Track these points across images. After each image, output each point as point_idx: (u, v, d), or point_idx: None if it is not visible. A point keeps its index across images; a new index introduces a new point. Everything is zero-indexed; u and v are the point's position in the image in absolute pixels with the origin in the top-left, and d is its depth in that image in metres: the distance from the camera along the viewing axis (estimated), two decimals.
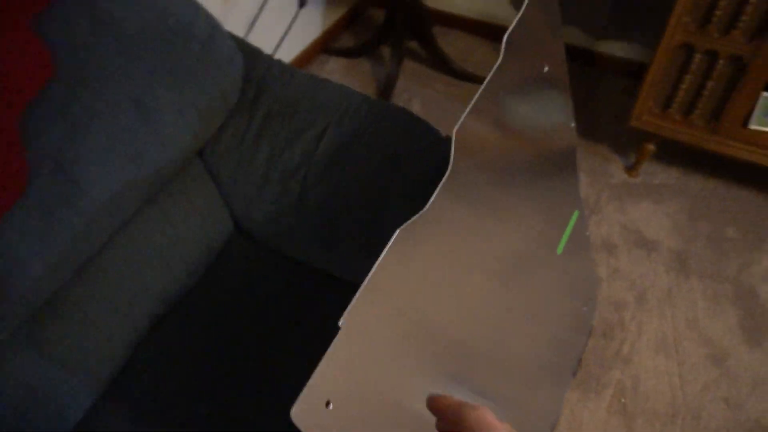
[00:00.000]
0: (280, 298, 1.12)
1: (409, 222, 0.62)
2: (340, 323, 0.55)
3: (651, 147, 1.87)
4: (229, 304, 1.12)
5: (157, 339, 1.07)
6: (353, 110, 1.12)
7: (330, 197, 1.08)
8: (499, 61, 0.90)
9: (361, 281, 1.17)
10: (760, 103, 1.65)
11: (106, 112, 0.96)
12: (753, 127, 1.67)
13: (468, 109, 0.80)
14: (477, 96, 0.83)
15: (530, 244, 1.13)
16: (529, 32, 0.92)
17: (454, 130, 0.77)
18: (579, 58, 2.29)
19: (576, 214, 1.31)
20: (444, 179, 0.73)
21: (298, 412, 0.46)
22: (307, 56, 2.30)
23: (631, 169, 1.96)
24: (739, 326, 1.61)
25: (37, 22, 0.93)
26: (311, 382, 0.49)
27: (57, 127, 0.92)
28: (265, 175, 1.13)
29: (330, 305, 1.14)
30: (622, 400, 1.48)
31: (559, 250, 1.25)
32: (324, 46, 2.38)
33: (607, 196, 1.91)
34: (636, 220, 1.85)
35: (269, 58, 1.19)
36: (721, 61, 1.58)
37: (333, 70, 2.36)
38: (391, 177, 1.06)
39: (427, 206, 0.65)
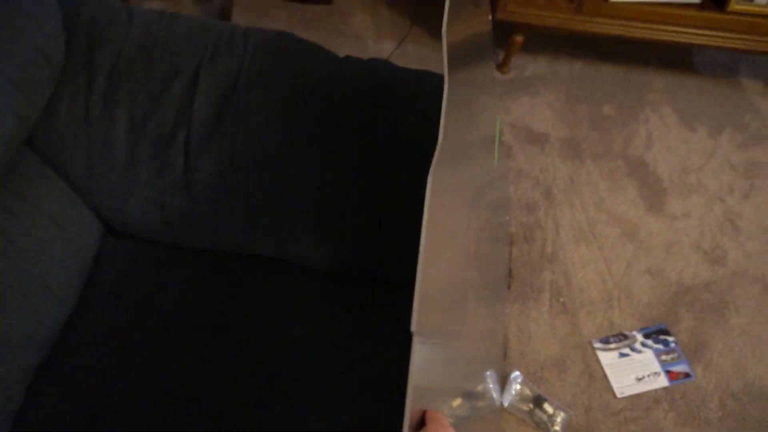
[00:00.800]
0: (190, 301, 0.88)
1: (434, 161, 0.45)
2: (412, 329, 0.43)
3: (519, 38, 1.80)
4: (125, 328, 0.86)
5: (39, 401, 0.79)
6: (225, 44, 0.87)
7: (229, 162, 0.85)
8: None
9: (296, 255, 0.93)
10: None
11: None
12: None
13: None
14: None
15: (479, 161, 0.99)
16: None
17: (444, 31, 0.60)
18: None
19: (498, 118, 1.19)
20: (445, 98, 0.55)
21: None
22: None
23: (502, 66, 1.89)
24: (640, 197, 1.64)
25: None
26: None
27: None
28: (131, 152, 0.85)
29: (255, 291, 0.93)
30: (561, 299, 1.45)
31: (496, 161, 1.13)
32: None
33: None
34: (521, 117, 1.79)
35: None
36: None
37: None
38: (302, 118, 0.85)
39: (441, 137, 0.48)
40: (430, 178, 0.45)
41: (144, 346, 0.85)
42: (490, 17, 1.09)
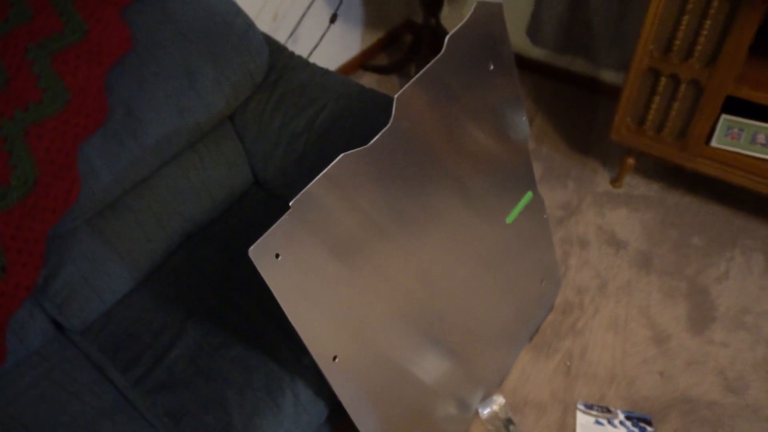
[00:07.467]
0: None
1: (352, 151, 0.95)
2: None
3: (631, 161, 2.12)
4: (242, 233, 1.47)
5: (185, 250, 1.43)
6: (347, 93, 1.47)
7: (324, 156, 1.43)
8: (441, 53, 1.22)
9: None
10: (721, 124, 1.88)
11: (165, 77, 1.34)
12: (714, 144, 1.90)
13: (410, 83, 1.12)
14: (419, 74, 1.15)
15: (477, 211, 1.42)
16: (474, 36, 1.23)
17: (396, 96, 1.09)
18: (583, 85, 2.57)
19: (529, 194, 1.59)
20: (386, 128, 1.05)
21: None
22: (345, 71, 2.69)
23: (615, 181, 2.21)
24: (687, 317, 1.82)
25: (123, 12, 1.33)
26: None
27: (130, 83, 1.31)
28: (277, 138, 1.48)
29: None
30: (568, 363, 1.72)
31: (509, 219, 1.53)
32: (361, 63, 2.76)
33: (590, 201, 2.16)
34: (612, 223, 2.09)
35: (292, 53, 1.56)
36: (683, 85, 1.84)
37: (366, 84, 2.73)
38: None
39: (371, 143, 0.98)
40: (340, 157, 0.92)
41: (240, 249, 1.46)
42: (524, 126, 1.49)
